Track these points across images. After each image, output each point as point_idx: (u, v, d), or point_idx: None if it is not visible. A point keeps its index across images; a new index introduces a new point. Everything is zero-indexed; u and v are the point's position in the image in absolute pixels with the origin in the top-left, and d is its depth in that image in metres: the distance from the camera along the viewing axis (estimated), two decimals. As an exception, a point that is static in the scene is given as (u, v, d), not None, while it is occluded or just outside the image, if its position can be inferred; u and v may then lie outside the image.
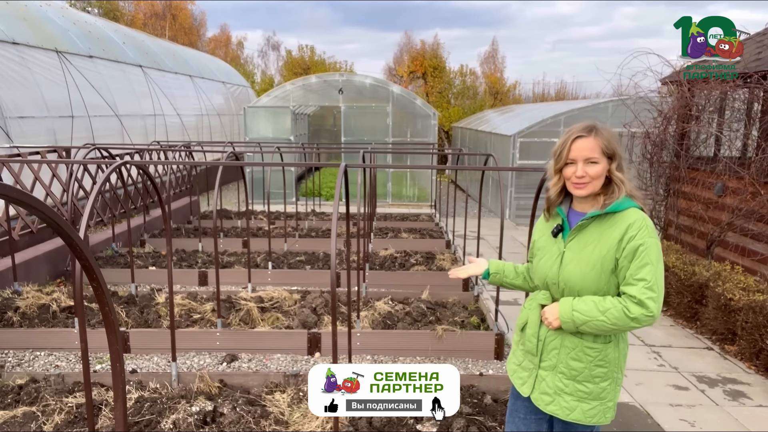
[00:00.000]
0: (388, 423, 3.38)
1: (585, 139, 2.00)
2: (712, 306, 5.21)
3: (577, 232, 2.08)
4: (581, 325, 1.99)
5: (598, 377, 2.06)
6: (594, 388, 2.06)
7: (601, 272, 2.00)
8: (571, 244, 2.08)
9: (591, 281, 2.02)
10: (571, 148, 2.01)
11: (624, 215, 2.01)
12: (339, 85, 13.44)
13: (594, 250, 2.02)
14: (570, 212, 2.16)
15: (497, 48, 36.41)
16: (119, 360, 1.62)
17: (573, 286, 2.05)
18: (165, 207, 4.01)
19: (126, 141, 11.00)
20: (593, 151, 1.99)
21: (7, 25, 8.54)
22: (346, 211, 4.04)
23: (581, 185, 2.02)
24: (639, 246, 1.94)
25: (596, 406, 2.08)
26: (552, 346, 2.11)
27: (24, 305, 5.13)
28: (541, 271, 2.17)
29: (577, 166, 2.00)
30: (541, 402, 2.14)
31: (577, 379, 2.07)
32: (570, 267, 2.06)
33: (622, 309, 1.94)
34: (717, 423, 3.84)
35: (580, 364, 2.06)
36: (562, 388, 2.09)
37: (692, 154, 7.11)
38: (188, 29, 35.74)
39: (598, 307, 1.97)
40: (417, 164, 13.27)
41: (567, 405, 2.08)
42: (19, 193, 1.09)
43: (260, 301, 5.39)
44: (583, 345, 2.05)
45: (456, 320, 5.10)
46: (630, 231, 1.96)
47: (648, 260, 1.94)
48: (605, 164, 2.01)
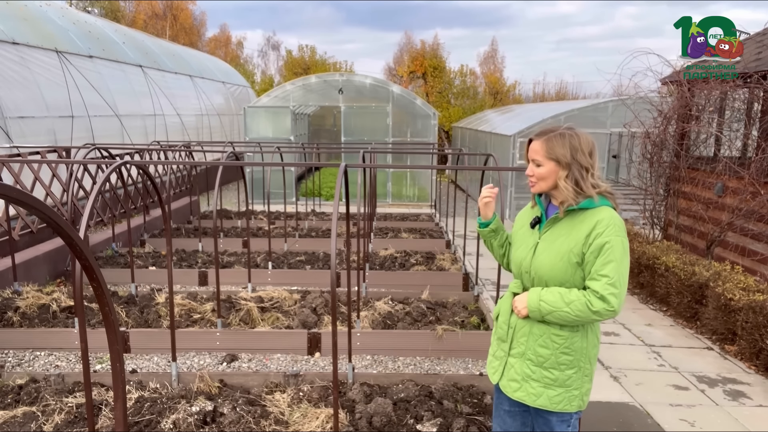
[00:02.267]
0: (388, 423, 3.38)
1: (534, 142, 2.17)
2: (712, 306, 5.21)
3: (551, 224, 2.19)
4: (547, 314, 2.11)
5: (564, 365, 2.15)
6: (559, 375, 2.16)
7: (567, 264, 2.11)
8: (545, 236, 2.20)
9: (558, 272, 2.12)
10: (528, 149, 2.20)
11: (594, 212, 2.12)
12: (339, 85, 13.44)
13: (563, 243, 2.13)
14: (549, 206, 2.27)
15: (497, 48, 36.47)
16: (119, 360, 1.62)
17: (542, 276, 2.16)
18: (165, 207, 4.01)
19: (126, 141, 10.99)
20: (537, 153, 2.15)
21: (7, 25, 8.54)
22: (346, 211, 4.04)
23: (531, 183, 2.20)
24: (605, 243, 2.05)
25: (561, 393, 2.17)
26: (521, 333, 2.21)
27: (24, 305, 5.13)
28: (516, 259, 2.29)
29: (530, 166, 2.19)
30: (509, 389, 2.24)
31: (543, 365, 2.16)
32: (541, 258, 2.17)
33: (585, 302, 2.05)
34: (717, 423, 3.84)
35: (547, 350, 2.16)
36: (529, 374, 2.19)
37: (692, 154, 7.11)
38: (188, 29, 35.74)
39: (564, 298, 2.08)
40: (417, 164, 13.26)
41: (534, 391, 2.18)
42: (19, 193, 1.09)
43: (260, 301, 5.39)
44: (550, 332, 2.15)
45: (456, 320, 5.10)
46: (597, 228, 2.07)
47: (612, 257, 2.04)
48: (553, 167, 2.12)
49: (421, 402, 3.60)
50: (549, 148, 2.12)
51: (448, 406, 3.56)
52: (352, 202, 5.83)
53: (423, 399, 3.66)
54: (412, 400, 3.64)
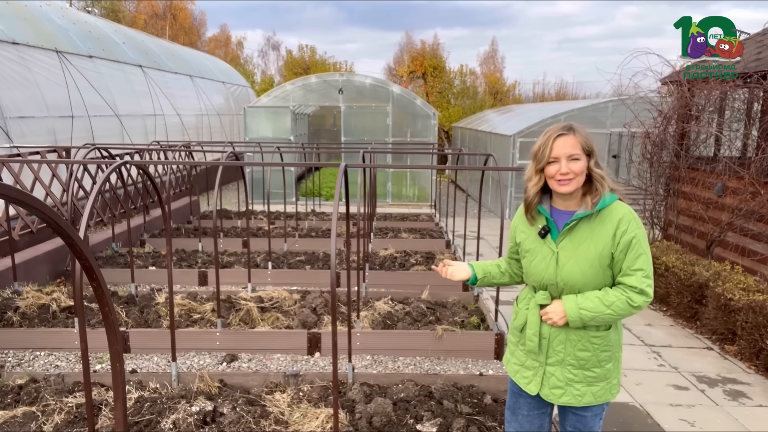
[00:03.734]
0: (388, 423, 3.38)
1: (566, 137, 2.05)
2: (712, 306, 5.21)
3: (567, 232, 2.12)
4: (588, 321, 2.08)
5: (604, 360, 2.17)
6: (601, 372, 2.17)
7: (599, 268, 2.08)
8: (563, 244, 2.12)
9: (590, 278, 2.09)
10: (553, 146, 2.05)
11: (611, 210, 2.08)
12: (339, 85, 13.44)
13: (589, 248, 2.08)
14: (553, 211, 2.18)
15: (497, 48, 36.50)
16: (119, 360, 1.62)
17: (574, 284, 2.11)
18: (165, 207, 4.01)
19: (126, 141, 10.99)
20: (575, 147, 2.04)
21: (7, 25, 8.54)
22: (346, 211, 4.04)
23: (566, 182, 2.05)
24: (632, 238, 2.04)
25: (603, 386, 2.19)
26: (557, 342, 2.17)
27: (24, 305, 5.13)
28: (536, 273, 2.19)
29: (561, 164, 2.04)
30: (553, 396, 2.21)
31: (585, 367, 2.16)
32: (568, 267, 2.10)
33: (626, 300, 2.04)
34: (717, 423, 3.84)
35: (588, 353, 2.15)
36: (572, 378, 2.17)
37: (692, 154, 7.11)
38: (188, 29, 35.76)
39: (603, 301, 2.05)
40: (417, 164, 13.27)
41: (578, 392, 2.17)
42: (19, 193, 1.09)
43: (260, 301, 5.39)
44: (588, 335, 2.14)
45: (456, 320, 5.10)
46: (621, 225, 2.05)
47: (642, 250, 2.05)
48: (585, 161, 2.06)
49: (421, 402, 3.60)
50: (585, 140, 2.06)
51: (448, 406, 3.56)
52: (352, 202, 5.83)
53: (423, 399, 3.66)
54: (412, 400, 3.64)
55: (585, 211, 2.07)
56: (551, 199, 2.20)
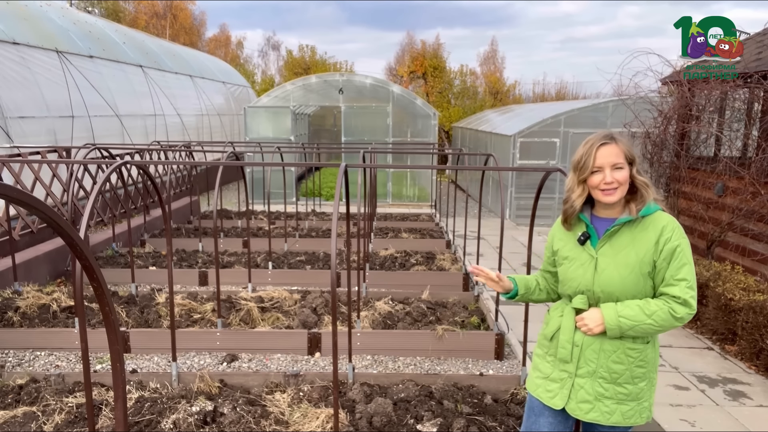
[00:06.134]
0: (388, 423, 3.38)
1: (609, 146, 2.02)
2: (713, 306, 5.21)
3: (608, 238, 2.07)
4: (627, 330, 2.00)
5: (638, 377, 2.07)
6: (633, 389, 2.07)
7: (639, 275, 2.02)
8: (603, 250, 2.07)
9: (630, 285, 2.02)
10: (596, 156, 2.02)
11: (654, 218, 2.04)
12: (339, 85, 13.44)
13: (630, 254, 2.02)
14: (593, 219, 2.14)
15: (497, 48, 36.54)
16: (119, 360, 1.62)
17: (612, 291, 2.04)
18: (165, 207, 4.01)
19: (126, 141, 10.99)
20: (618, 156, 2.02)
21: (7, 25, 8.54)
22: (347, 211, 4.04)
23: (611, 191, 2.02)
24: (676, 247, 1.99)
25: (634, 407, 2.09)
26: (591, 351, 2.09)
27: (24, 305, 5.13)
28: (573, 279, 2.13)
29: (605, 173, 2.01)
30: (580, 411, 2.11)
31: (617, 381, 2.07)
32: (607, 272, 2.04)
33: (668, 310, 1.97)
34: (717, 423, 3.84)
35: (621, 366, 2.06)
36: (602, 392, 2.08)
37: (692, 154, 7.11)
38: (188, 29, 35.75)
39: (644, 311, 1.98)
40: (417, 164, 13.26)
41: (607, 409, 2.07)
42: (20, 193, 1.09)
43: (260, 301, 5.39)
44: (624, 347, 2.05)
45: (456, 320, 5.10)
46: (665, 233, 2.00)
47: (686, 260, 1.99)
48: (628, 170, 2.04)
49: (421, 402, 3.60)
50: (627, 148, 2.03)
51: (448, 406, 3.56)
52: (353, 202, 5.83)
53: (423, 399, 3.66)
54: (412, 400, 3.64)
55: (628, 216, 2.04)
56: (592, 207, 2.16)
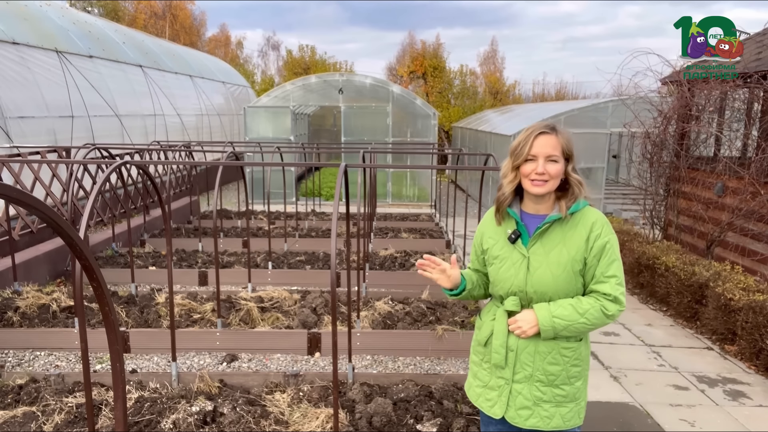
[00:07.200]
0: (388, 423, 3.38)
1: (548, 136, 1.95)
2: (712, 306, 5.21)
3: (539, 236, 2.01)
4: (561, 330, 1.96)
5: (574, 377, 2.04)
6: (570, 390, 2.04)
7: (571, 273, 1.98)
8: (535, 249, 2.01)
9: (562, 284, 1.98)
10: (533, 144, 1.95)
11: (584, 214, 2.01)
12: (339, 85, 13.44)
13: (562, 252, 1.98)
14: (523, 215, 2.07)
15: (497, 48, 36.57)
16: (119, 360, 1.62)
17: (545, 291, 1.99)
18: (165, 207, 4.01)
19: (126, 141, 11.00)
20: (555, 149, 1.95)
21: (7, 25, 8.54)
22: (346, 211, 4.04)
23: (540, 183, 1.95)
24: (606, 243, 1.97)
25: (572, 408, 2.05)
26: (526, 354, 2.02)
27: (24, 305, 5.13)
28: (505, 279, 2.05)
29: (539, 163, 1.94)
30: (519, 419, 2.04)
31: (554, 383, 2.02)
32: (540, 272, 1.99)
33: (600, 308, 1.95)
34: (717, 423, 3.84)
35: (557, 367, 2.01)
36: (540, 396, 2.02)
37: (692, 154, 7.11)
38: (188, 29, 35.76)
39: (577, 309, 1.95)
40: (417, 164, 13.27)
41: (546, 414, 2.02)
42: (19, 193, 1.09)
43: (260, 301, 5.39)
44: (559, 347, 2.01)
45: (456, 320, 5.10)
46: (595, 229, 1.98)
47: (615, 256, 1.98)
48: (563, 165, 1.97)
49: (421, 402, 3.61)
50: (566, 143, 1.97)
51: (448, 406, 3.56)
52: (352, 202, 5.83)
53: (423, 399, 3.66)
54: (412, 400, 3.64)
55: (558, 214, 1.98)
56: (521, 202, 2.09)
